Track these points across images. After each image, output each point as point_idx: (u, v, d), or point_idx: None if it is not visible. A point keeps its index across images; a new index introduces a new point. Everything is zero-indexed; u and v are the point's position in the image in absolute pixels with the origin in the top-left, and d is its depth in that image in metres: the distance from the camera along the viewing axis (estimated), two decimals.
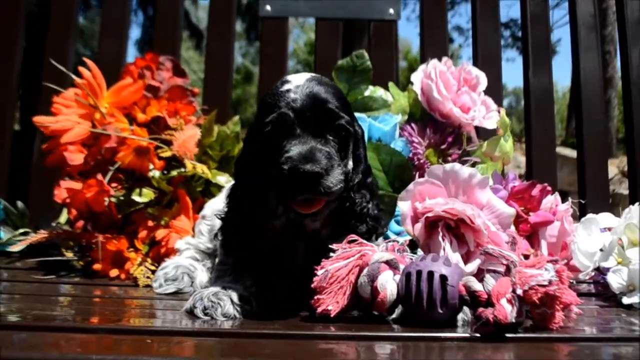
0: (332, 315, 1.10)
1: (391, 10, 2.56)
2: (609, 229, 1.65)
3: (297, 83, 1.22)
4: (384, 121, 1.88)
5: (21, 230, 1.94)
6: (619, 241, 1.52)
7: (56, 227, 1.86)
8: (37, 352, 0.90)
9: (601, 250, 1.57)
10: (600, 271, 1.58)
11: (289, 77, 1.26)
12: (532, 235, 1.68)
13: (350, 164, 1.27)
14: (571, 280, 1.62)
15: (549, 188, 1.72)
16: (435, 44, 2.55)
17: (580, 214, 2.36)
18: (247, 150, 1.32)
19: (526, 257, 1.60)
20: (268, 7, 2.55)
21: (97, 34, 2.75)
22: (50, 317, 1.18)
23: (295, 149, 1.14)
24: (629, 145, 2.51)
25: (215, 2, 2.61)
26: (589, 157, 2.47)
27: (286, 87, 1.22)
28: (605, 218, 1.71)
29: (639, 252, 1.47)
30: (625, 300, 1.42)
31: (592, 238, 1.60)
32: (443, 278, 1.08)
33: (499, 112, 1.92)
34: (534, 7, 2.62)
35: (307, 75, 1.27)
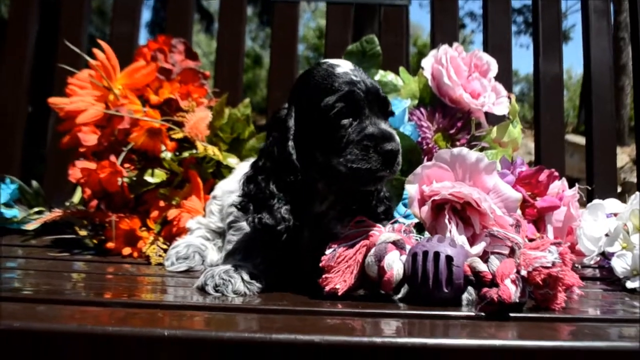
0: (339, 294, 1.13)
1: None
2: (615, 215, 1.66)
3: (349, 67, 1.26)
4: (393, 105, 1.87)
5: (36, 209, 1.98)
6: (624, 227, 1.54)
7: (70, 206, 1.90)
8: (55, 323, 0.93)
9: (606, 235, 1.58)
10: (605, 256, 1.60)
11: (334, 61, 1.29)
12: (539, 220, 1.70)
13: None
14: (576, 265, 1.66)
15: (556, 174, 1.74)
16: (445, 29, 2.55)
17: (587, 200, 2.38)
18: (301, 125, 1.28)
19: (532, 240, 1.63)
20: None
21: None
22: (65, 291, 1.21)
23: (371, 129, 1.18)
24: (638, 133, 2.50)
25: None
26: (597, 144, 2.48)
27: (342, 70, 1.25)
28: (611, 204, 1.72)
29: None
30: (629, 284, 1.44)
31: (597, 223, 1.62)
32: (449, 258, 1.10)
33: (509, 98, 1.93)
34: None
35: (345, 61, 1.30)
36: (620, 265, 1.48)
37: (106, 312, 1.02)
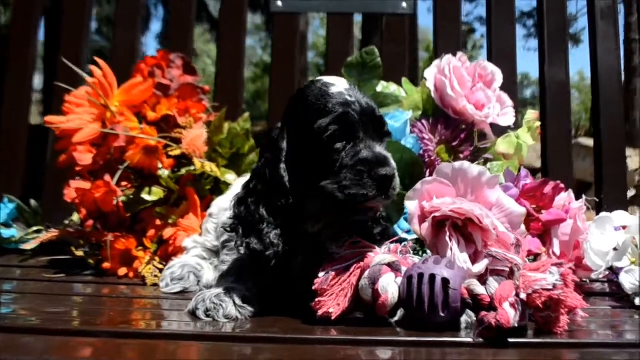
0: (333, 318, 1.10)
1: (404, 4, 2.53)
2: (624, 228, 1.61)
3: (344, 86, 1.22)
4: (395, 117, 1.86)
5: (34, 228, 1.98)
6: (633, 240, 1.49)
7: (67, 225, 1.89)
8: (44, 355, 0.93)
9: (615, 249, 1.54)
10: (614, 271, 1.55)
11: (329, 80, 1.26)
12: (545, 234, 1.65)
13: None
14: (584, 280, 1.62)
15: (562, 185, 1.69)
16: (448, 38, 2.51)
17: (597, 209, 2.33)
18: (294, 147, 1.25)
19: (537, 256, 1.58)
20: (279, 3, 2.54)
21: None
22: (59, 319, 1.20)
23: (365, 152, 1.15)
24: None
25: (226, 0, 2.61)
26: (606, 150, 2.43)
27: (337, 90, 1.21)
28: (619, 216, 1.67)
29: None
30: (638, 301, 1.40)
31: (605, 237, 1.57)
32: (445, 281, 1.07)
33: (514, 108, 1.89)
34: None
35: (341, 79, 1.27)
36: (629, 281, 1.44)
37: (99, 343, 1.01)
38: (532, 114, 1.85)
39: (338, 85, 1.23)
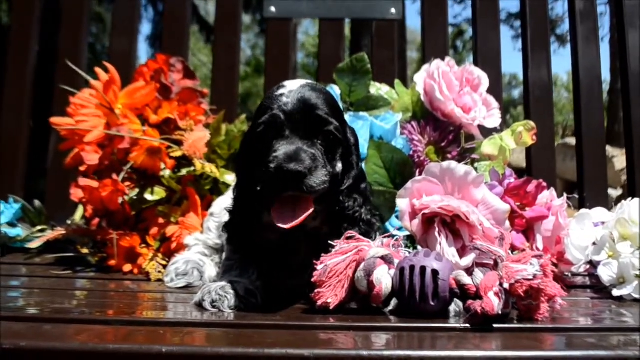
0: (331, 308, 1.17)
1: (393, 10, 2.60)
2: (604, 223, 1.70)
3: (291, 88, 1.28)
4: (385, 120, 1.94)
5: (39, 228, 2.02)
6: (610, 235, 1.58)
7: (72, 224, 1.94)
8: (59, 342, 0.97)
9: (594, 244, 1.62)
10: (593, 264, 1.64)
11: (285, 83, 1.32)
12: (528, 230, 1.73)
13: (340, 167, 1.33)
14: (567, 273, 1.70)
15: (544, 184, 1.77)
16: (435, 43, 2.59)
17: (579, 208, 2.42)
18: (243, 149, 1.39)
19: (522, 251, 1.66)
20: (272, 8, 2.61)
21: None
22: (68, 310, 1.26)
23: (282, 149, 1.20)
24: (627, 140, 2.54)
25: (221, 5, 2.67)
26: (587, 151, 2.51)
27: (280, 91, 1.28)
28: (598, 213, 1.76)
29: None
30: (616, 292, 1.48)
31: (584, 232, 1.66)
32: (435, 272, 1.15)
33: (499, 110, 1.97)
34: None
35: (302, 81, 1.33)
36: (606, 273, 1.53)
37: (109, 330, 1.07)
38: (522, 125, 1.93)
39: (288, 86, 1.30)
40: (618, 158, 8.58)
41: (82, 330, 1.05)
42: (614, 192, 7.79)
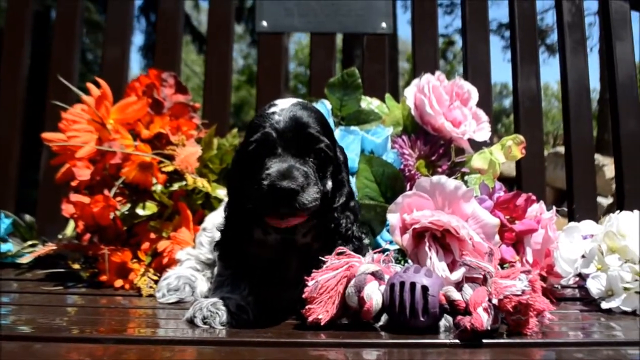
0: (322, 324, 1.18)
1: (383, 24, 2.63)
2: (592, 236, 1.71)
3: (283, 107, 1.29)
4: (376, 134, 1.95)
5: (29, 243, 2.02)
6: (599, 248, 1.59)
7: (63, 239, 1.94)
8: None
9: (583, 256, 1.64)
10: (582, 277, 1.65)
11: (277, 101, 1.33)
12: (518, 243, 1.74)
13: (330, 185, 1.33)
14: (556, 285, 1.71)
15: (533, 197, 1.79)
16: (426, 54, 2.62)
17: (569, 219, 2.44)
18: (234, 167, 1.40)
19: (512, 264, 1.68)
20: (264, 23, 2.63)
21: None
22: (59, 327, 1.25)
23: (274, 167, 1.21)
24: (616, 150, 2.57)
25: (213, 18, 2.68)
26: (576, 162, 2.54)
27: (272, 110, 1.29)
28: (587, 225, 1.77)
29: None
30: (604, 305, 1.50)
31: (573, 245, 1.67)
32: (424, 288, 1.16)
33: (489, 122, 1.99)
34: (522, 9, 2.69)
35: (294, 100, 1.34)
36: (595, 286, 1.54)
37: (100, 349, 1.07)
38: (511, 139, 1.94)
39: (280, 105, 1.30)
40: (608, 167, 8.63)
41: (73, 349, 1.05)
42: (604, 201, 7.82)
